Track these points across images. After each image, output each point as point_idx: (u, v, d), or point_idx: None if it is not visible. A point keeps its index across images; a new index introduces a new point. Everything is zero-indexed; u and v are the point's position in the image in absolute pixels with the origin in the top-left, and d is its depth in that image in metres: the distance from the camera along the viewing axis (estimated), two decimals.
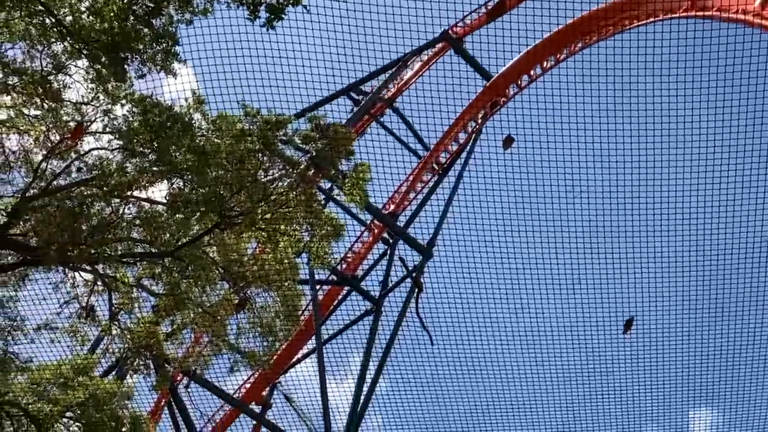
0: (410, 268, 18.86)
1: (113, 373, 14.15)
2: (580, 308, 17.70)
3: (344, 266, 22.07)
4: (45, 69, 8.29)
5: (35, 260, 7.71)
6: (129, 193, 7.86)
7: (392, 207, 20.06)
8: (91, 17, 7.06)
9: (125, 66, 7.79)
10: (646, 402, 19.77)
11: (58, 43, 8.23)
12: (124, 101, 8.57)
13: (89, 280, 9.62)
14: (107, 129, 8.46)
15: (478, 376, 20.84)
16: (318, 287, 21.41)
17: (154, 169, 7.50)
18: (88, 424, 10.55)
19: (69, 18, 7.18)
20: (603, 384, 19.42)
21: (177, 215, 7.95)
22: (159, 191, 8.78)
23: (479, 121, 18.50)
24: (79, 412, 10.57)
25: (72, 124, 8.67)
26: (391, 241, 21.09)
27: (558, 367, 19.52)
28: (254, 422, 23.05)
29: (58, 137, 8.71)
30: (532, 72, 18.20)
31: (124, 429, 10.12)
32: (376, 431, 23.69)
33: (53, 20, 7.05)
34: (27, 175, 8.77)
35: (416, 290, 18.94)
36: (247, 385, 22.43)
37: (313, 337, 20.66)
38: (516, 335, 18.88)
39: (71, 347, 11.44)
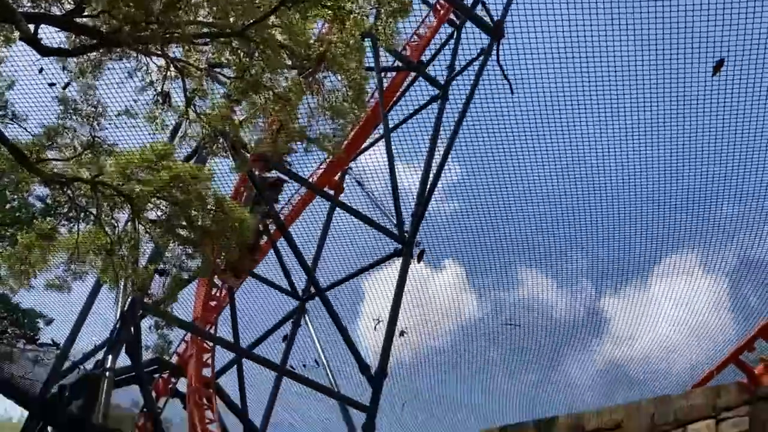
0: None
1: (194, 158, 14.95)
2: (667, 52, 16.88)
3: (409, 52, 21.59)
4: None
5: (110, 42, 7.86)
6: None
7: None
8: None
9: None
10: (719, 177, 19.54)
11: None
12: None
13: (162, 66, 9.81)
14: None
15: (556, 147, 20.63)
16: (383, 74, 21.23)
17: None
18: (175, 204, 11.37)
19: None
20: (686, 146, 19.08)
21: None
22: None
23: None
24: (166, 192, 11.33)
25: None
26: (457, 22, 20.29)
27: (644, 127, 19.11)
28: (328, 205, 24.32)
29: None
30: None
31: (209, 206, 10.90)
32: (451, 216, 24.64)
33: None
34: None
35: (496, 40, 18.41)
36: (320, 171, 23.39)
37: (381, 124, 20.93)
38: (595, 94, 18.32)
39: (152, 133, 11.96)
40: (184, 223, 11.83)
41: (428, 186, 19.98)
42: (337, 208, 23.66)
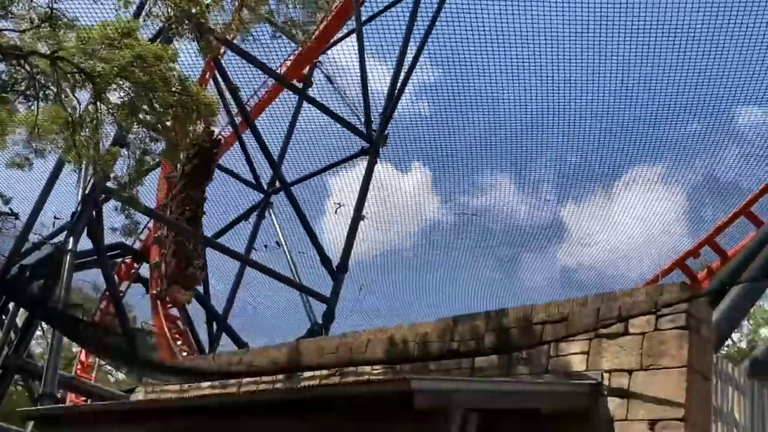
0: None
1: (159, 39, 14.46)
2: None
3: None
4: None
5: None
6: None
7: None
8: None
9: None
10: (686, 95, 19.73)
11: None
12: None
13: None
14: None
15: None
16: None
17: None
18: (138, 84, 11.08)
19: None
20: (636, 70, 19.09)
21: None
22: None
23: None
24: (128, 72, 11.00)
25: None
26: None
27: (619, 34, 18.92)
28: (296, 99, 23.95)
29: None
30: None
31: (173, 88, 10.66)
32: (422, 118, 24.47)
33: None
34: None
35: None
36: (289, 62, 22.85)
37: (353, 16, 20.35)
38: None
39: (115, 10, 11.52)
40: (147, 108, 11.59)
41: (399, 85, 19.76)
42: (305, 104, 23.31)
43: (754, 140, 21.05)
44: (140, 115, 11.56)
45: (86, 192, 15.88)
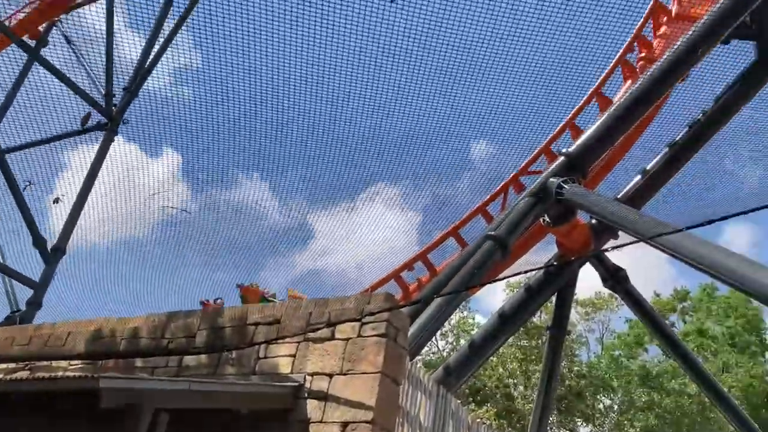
0: None
1: None
2: None
3: None
4: None
5: None
6: None
7: None
8: None
9: None
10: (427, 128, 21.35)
11: None
12: None
13: None
14: None
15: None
16: None
17: None
18: None
19: None
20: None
21: None
22: None
23: None
24: None
25: None
26: None
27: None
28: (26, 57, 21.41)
29: None
30: None
31: None
32: (179, 103, 23.28)
33: None
34: None
35: None
36: (21, 15, 20.38)
37: None
38: None
39: None
40: None
41: (150, 58, 18.65)
42: (37, 65, 20.89)
43: (480, 170, 23.49)
44: None
45: None
